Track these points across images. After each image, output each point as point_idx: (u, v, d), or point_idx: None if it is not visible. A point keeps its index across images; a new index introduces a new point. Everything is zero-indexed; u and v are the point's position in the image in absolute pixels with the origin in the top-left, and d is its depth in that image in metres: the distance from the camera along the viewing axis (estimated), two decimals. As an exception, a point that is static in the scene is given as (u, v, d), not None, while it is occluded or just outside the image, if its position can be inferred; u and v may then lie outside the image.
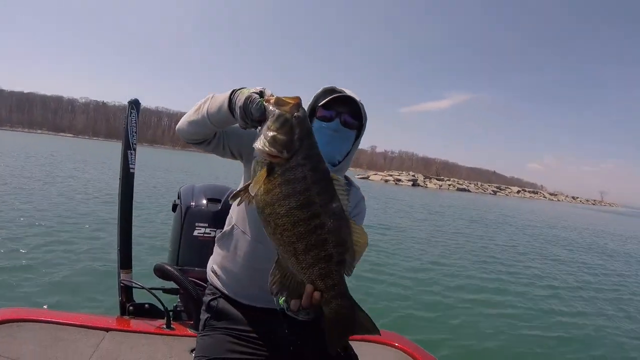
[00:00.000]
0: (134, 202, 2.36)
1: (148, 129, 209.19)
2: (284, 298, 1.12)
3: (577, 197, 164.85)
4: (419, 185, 65.90)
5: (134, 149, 2.38)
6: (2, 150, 27.16)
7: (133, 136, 2.40)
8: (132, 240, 2.33)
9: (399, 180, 65.08)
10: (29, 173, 14.63)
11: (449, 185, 75.10)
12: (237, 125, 1.29)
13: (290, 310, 1.11)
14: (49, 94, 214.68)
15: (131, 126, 2.44)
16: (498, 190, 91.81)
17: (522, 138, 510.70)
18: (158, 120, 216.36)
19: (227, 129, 1.35)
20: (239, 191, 1.02)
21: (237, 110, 1.08)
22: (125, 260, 2.28)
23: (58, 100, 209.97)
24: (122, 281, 2.19)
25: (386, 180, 63.42)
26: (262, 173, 0.97)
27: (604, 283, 8.46)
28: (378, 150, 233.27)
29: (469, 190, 75.77)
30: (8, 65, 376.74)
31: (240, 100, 1.07)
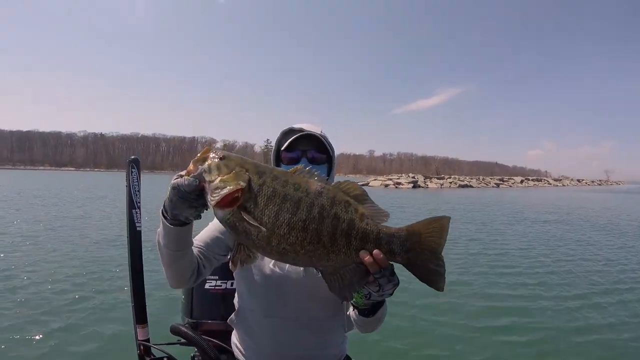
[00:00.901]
0: (143, 258, 2.42)
1: (147, 155, 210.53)
2: (358, 295, 1.10)
3: (582, 180, 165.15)
4: (419, 186, 65.77)
5: (139, 207, 2.42)
6: (4, 191, 27.15)
7: (136, 195, 2.42)
8: (146, 294, 2.39)
9: (399, 183, 64.95)
10: (34, 216, 14.50)
11: (450, 183, 74.92)
12: (203, 237, 1.33)
13: (375, 291, 1.08)
14: (47, 130, 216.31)
15: (133, 185, 2.45)
16: (501, 182, 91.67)
17: (520, 125, 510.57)
18: (156, 146, 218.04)
19: (201, 246, 1.31)
20: (234, 255, 1.01)
21: (178, 206, 1.02)
22: (141, 316, 2.31)
23: (57, 136, 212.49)
24: (140, 341, 2.24)
25: (386, 185, 63.13)
26: (246, 216, 0.94)
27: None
28: (376, 154, 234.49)
29: (471, 186, 75.60)
30: (6, 105, 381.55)
31: (172, 197, 1.02)
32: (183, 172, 1.02)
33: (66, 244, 9.76)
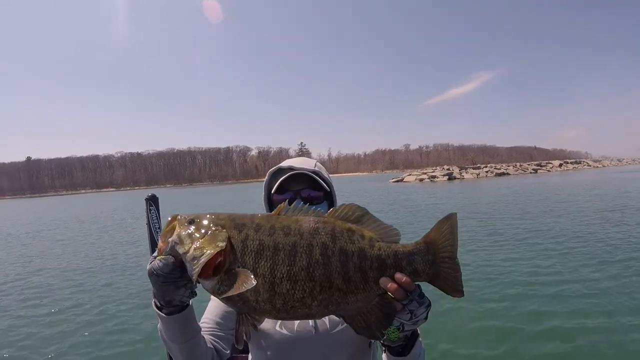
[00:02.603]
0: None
1: (185, 169, 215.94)
2: (390, 329, 0.92)
3: (623, 159, 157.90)
4: (455, 178, 63.83)
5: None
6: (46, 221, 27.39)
7: (157, 233, 2.48)
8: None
9: (434, 176, 63.23)
10: (75, 250, 13.63)
11: (487, 172, 72.52)
12: (211, 317, 1.22)
13: (407, 320, 0.91)
14: (85, 154, 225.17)
15: (153, 223, 2.53)
16: (539, 167, 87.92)
17: (559, 106, 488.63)
18: (192, 159, 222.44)
19: (213, 327, 1.21)
20: (238, 329, 0.88)
21: (165, 291, 0.88)
22: None
23: (95, 159, 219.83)
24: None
25: (421, 180, 61.27)
26: (235, 276, 0.80)
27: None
28: (412, 147, 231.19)
29: (508, 174, 73.05)
30: (41, 135, 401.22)
31: (154, 284, 0.89)
32: (156, 253, 0.88)
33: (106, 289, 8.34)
